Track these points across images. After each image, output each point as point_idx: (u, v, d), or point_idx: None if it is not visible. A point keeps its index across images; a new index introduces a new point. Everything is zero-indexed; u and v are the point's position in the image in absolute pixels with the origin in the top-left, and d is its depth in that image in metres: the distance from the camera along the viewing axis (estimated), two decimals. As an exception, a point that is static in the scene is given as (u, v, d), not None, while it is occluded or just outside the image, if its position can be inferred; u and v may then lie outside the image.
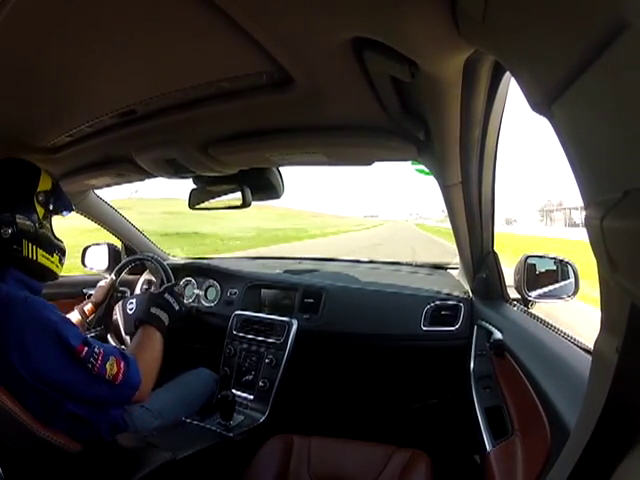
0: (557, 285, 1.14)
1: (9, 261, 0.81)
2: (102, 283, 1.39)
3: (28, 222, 0.82)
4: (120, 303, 1.38)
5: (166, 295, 1.11)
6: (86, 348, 0.77)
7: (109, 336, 1.36)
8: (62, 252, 0.92)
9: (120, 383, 0.79)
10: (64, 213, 0.96)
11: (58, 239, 0.91)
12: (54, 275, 0.91)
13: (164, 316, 1.05)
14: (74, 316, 1.21)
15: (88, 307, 1.26)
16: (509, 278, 1.20)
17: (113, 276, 1.41)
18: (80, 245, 1.79)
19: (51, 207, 0.89)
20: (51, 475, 0.79)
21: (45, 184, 0.87)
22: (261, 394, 1.31)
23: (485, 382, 0.98)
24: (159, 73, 0.64)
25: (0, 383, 0.71)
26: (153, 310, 1.05)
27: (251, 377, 1.35)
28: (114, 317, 1.36)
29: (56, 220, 0.95)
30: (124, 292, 1.48)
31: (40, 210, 0.86)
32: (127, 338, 1.34)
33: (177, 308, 1.11)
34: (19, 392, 0.72)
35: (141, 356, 0.89)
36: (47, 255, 0.86)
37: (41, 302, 0.79)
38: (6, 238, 0.78)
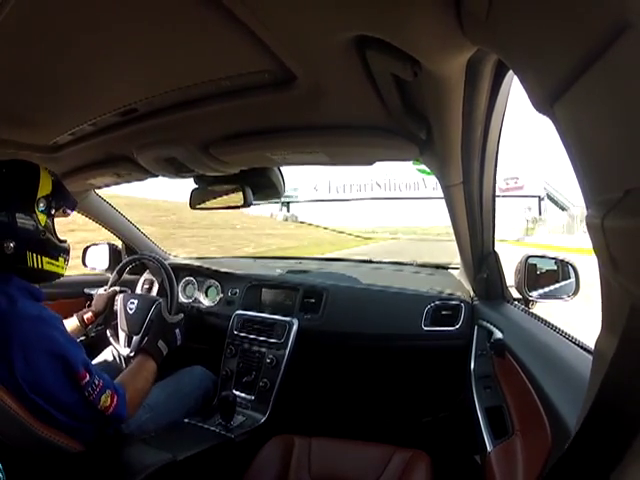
0: (558, 285, 1.14)
1: (12, 271, 0.80)
2: (102, 291, 1.38)
3: (30, 232, 0.81)
4: (121, 297, 1.38)
5: (176, 330, 1.19)
6: (88, 376, 0.79)
7: (108, 331, 1.37)
8: (67, 253, 0.91)
9: (109, 414, 0.82)
10: (67, 212, 0.95)
11: (61, 240, 0.90)
12: (59, 276, 0.91)
13: (166, 350, 1.11)
14: (73, 322, 1.21)
15: (88, 315, 1.25)
16: (510, 278, 1.20)
17: (115, 289, 1.40)
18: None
19: (53, 211, 0.87)
20: (53, 475, 0.79)
21: (45, 188, 0.85)
22: (262, 394, 1.31)
23: (485, 382, 0.98)
24: (160, 71, 0.64)
25: (2, 384, 0.71)
26: (160, 344, 1.10)
27: (252, 377, 1.35)
28: (114, 309, 1.37)
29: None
30: (125, 291, 1.48)
31: (42, 217, 0.84)
32: (123, 335, 1.35)
33: (179, 343, 1.19)
34: (18, 398, 0.73)
35: (132, 386, 0.93)
36: (52, 260, 0.86)
37: (51, 322, 0.79)
38: (9, 253, 0.77)
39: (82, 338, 1.30)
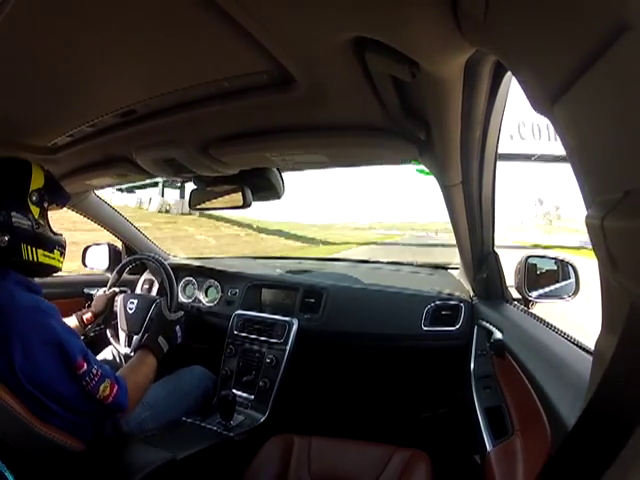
0: (558, 285, 1.14)
1: (8, 265, 0.81)
2: (101, 291, 1.38)
3: (24, 225, 0.81)
4: (121, 297, 1.38)
5: (177, 328, 1.19)
6: (85, 365, 0.79)
7: (108, 331, 1.37)
8: (62, 246, 0.91)
9: (108, 404, 0.82)
10: (60, 205, 0.96)
11: (56, 233, 0.90)
12: (56, 270, 0.91)
13: (166, 347, 1.11)
14: (72, 322, 1.21)
15: (87, 316, 1.26)
16: (510, 278, 1.20)
17: (115, 289, 1.40)
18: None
19: (46, 204, 0.88)
20: (53, 474, 0.79)
21: (37, 182, 0.85)
22: (261, 394, 1.31)
23: (485, 382, 0.98)
24: (159, 73, 0.64)
25: (2, 382, 0.71)
26: (160, 340, 1.10)
27: (251, 377, 1.35)
28: (114, 309, 1.37)
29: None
30: (125, 291, 1.48)
31: (35, 209, 0.84)
32: (123, 334, 1.35)
33: (179, 341, 1.19)
34: (17, 393, 0.73)
35: (133, 381, 0.92)
36: (47, 253, 0.86)
37: (49, 311, 0.79)
38: (4, 246, 0.78)
39: (82, 338, 1.30)
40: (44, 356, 0.75)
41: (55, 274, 0.94)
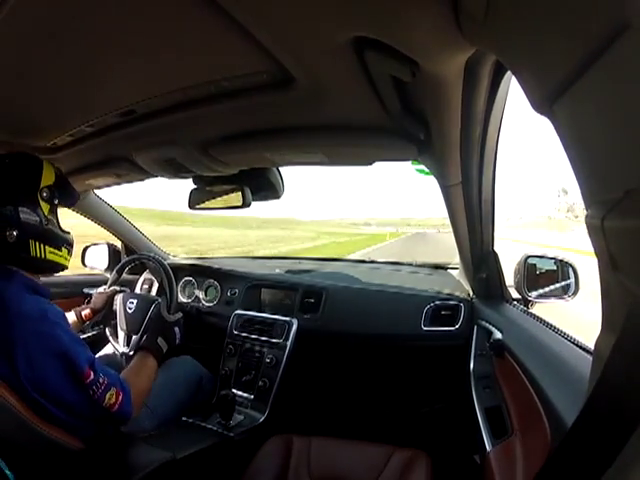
0: (557, 285, 1.14)
1: (16, 263, 0.80)
2: (101, 289, 1.39)
3: (33, 221, 0.81)
4: (121, 297, 1.38)
5: (175, 329, 1.19)
6: (92, 374, 0.79)
7: (107, 330, 1.37)
8: (70, 244, 0.91)
9: (114, 411, 0.82)
10: (69, 204, 0.96)
11: (64, 231, 0.90)
12: (63, 268, 0.91)
13: (165, 347, 1.11)
14: (70, 317, 1.21)
15: (86, 312, 1.26)
16: (509, 278, 1.20)
17: (115, 288, 1.40)
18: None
19: (56, 201, 0.88)
20: (53, 473, 0.79)
21: (48, 178, 0.86)
22: (261, 394, 1.31)
23: (485, 382, 0.98)
24: (159, 73, 0.64)
25: (5, 382, 0.71)
26: (159, 341, 1.10)
27: (251, 377, 1.35)
28: (114, 308, 1.37)
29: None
30: (124, 290, 1.48)
31: (45, 206, 0.84)
32: (122, 334, 1.35)
33: (178, 342, 1.18)
34: (20, 396, 0.73)
35: (135, 384, 0.92)
36: (55, 250, 0.86)
37: (55, 320, 0.79)
38: (12, 242, 0.77)
39: (80, 335, 1.31)
40: (50, 366, 0.75)
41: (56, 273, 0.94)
